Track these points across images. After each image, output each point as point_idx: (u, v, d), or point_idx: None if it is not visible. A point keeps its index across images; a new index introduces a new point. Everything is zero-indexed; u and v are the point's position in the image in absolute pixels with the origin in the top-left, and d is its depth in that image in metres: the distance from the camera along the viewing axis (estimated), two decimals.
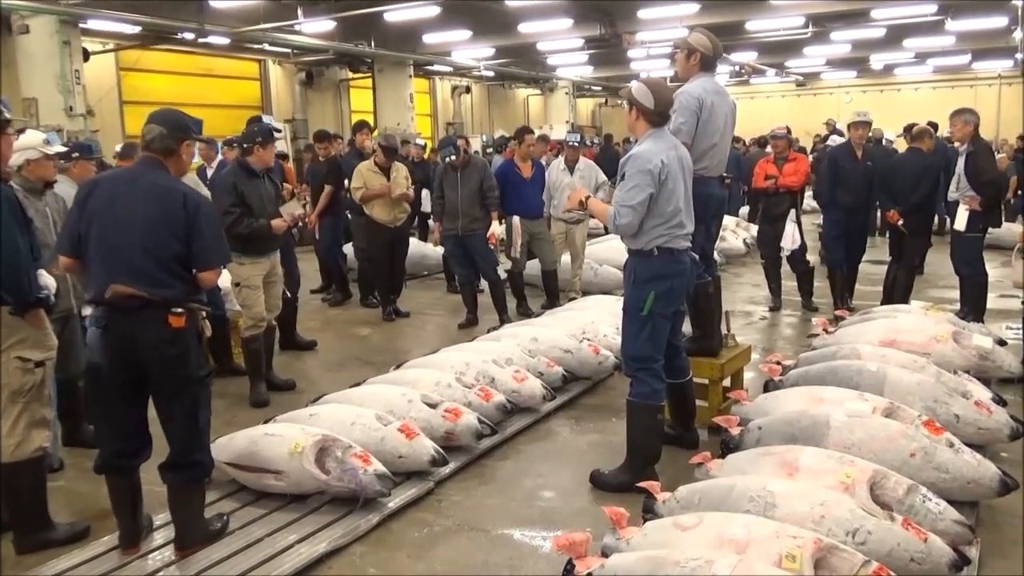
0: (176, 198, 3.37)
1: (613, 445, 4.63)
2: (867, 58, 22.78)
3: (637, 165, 3.93)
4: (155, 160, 3.47)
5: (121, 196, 3.37)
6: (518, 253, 8.13)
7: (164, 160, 3.47)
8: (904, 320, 5.51)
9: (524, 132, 8.50)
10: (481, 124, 25.37)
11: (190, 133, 3.56)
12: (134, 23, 13.24)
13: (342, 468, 3.91)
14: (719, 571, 2.66)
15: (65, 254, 3.47)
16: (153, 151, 3.46)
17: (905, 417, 3.86)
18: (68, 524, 3.86)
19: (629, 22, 16.35)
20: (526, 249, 8.22)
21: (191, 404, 3.44)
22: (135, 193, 3.36)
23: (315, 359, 7.06)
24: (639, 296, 4.05)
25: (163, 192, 3.38)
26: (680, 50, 4.70)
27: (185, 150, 3.55)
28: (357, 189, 7.87)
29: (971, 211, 6.77)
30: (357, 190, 7.87)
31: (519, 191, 8.07)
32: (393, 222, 8.02)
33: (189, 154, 3.59)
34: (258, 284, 5.81)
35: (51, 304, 3.77)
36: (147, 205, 3.33)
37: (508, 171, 8.24)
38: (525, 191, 8.12)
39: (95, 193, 3.41)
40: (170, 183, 3.44)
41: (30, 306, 3.59)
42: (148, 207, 3.33)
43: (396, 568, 3.56)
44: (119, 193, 3.38)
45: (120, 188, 3.41)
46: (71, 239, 3.42)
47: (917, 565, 2.96)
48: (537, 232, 8.21)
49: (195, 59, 17.21)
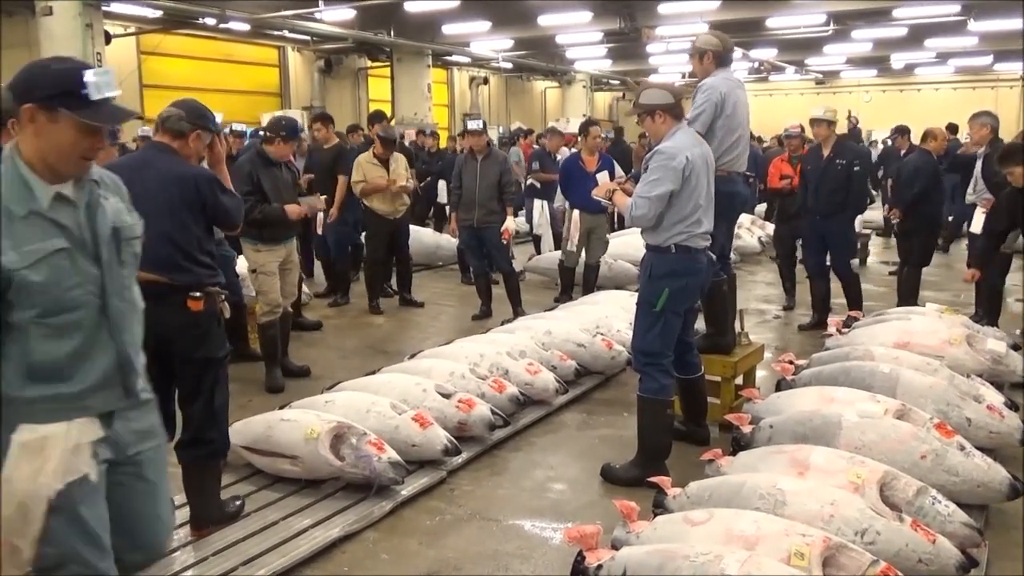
0: (188, 182, 3.45)
1: (624, 440, 4.66)
2: (888, 57, 22.65)
3: (661, 160, 3.95)
4: (162, 145, 3.54)
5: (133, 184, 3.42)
6: (574, 247, 8.07)
7: (172, 142, 3.53)
8: (918, 322, 5.51)
9: (589, 125, 8.27)
10: (498, 116, 25.36)
11: (207, 124, 3.61)
12: (156, 7, 13.33)
13: (356, 455, 3.96)
14: (728, 566, 2.69)
15: None
16: (165, 130, 3.53)
17: (917, 419, 3.87)
18: None
19: (649, 16, 16.30)
20: (583, 244, 8.11)
21: (209, 384, 3.51)
22: (147, 181, 3.39)
23: (329, 347, 7.11)
24: (653, 291, 4.08)
25: (175, 178, 3.44)
26: (693, 56, 4.82)
27: (195, 138, 3.59)
28: (357, 183, 7.83)
29: (988, 213, 6.74)
30: (357, 183, 7.83)
31: (583, 184, 7.54)
32: (393, 213, 7.97)
33: (200, 144, 3.63)
34: (274, 271, 5.87)
35: None
36: (160, 192, 3.38)
37: (573, 164, 8.10)
38: (589, 185, 7.91)
39: None
40: (179, 168, 3.50)
41: None
42: (161, 194, 3.38)
43: (408, 554, 3.61)
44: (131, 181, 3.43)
45: (131, 176, 3.45)
46: None
47: (925, 566, 2.98)
48: (595, 227, 8.10)
49: (215, 44, 17.31)
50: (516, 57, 21.72)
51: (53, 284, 2.06)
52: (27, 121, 2.07)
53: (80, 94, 2.07)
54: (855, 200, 7.12)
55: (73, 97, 2.06)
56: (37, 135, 2.07)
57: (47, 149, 2.08)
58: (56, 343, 2.09)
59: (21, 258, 2.01)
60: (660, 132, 4.09)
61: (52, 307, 2.07)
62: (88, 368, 2.14)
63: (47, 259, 2.05)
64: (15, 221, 2.03)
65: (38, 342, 2.07)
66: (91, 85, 2.07)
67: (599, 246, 8.22)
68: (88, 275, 2.14)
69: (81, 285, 2.12)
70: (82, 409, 2.15)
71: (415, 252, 8.98)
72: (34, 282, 2.03)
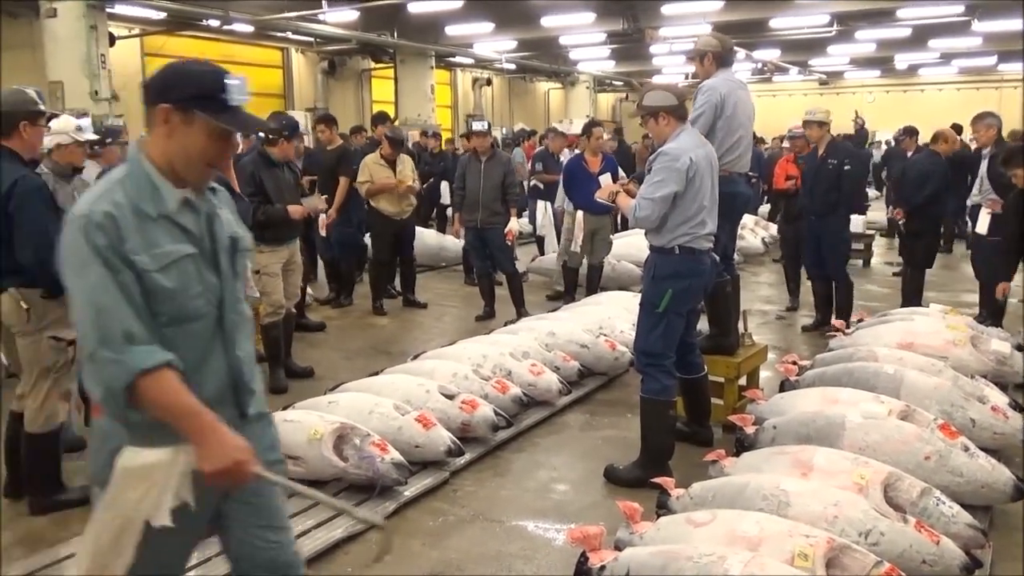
0: None
1: (627, 440, 4.66)
2: (891, 58, 22.61)
3: (665, 162, 3.95)
4: None
5: None
6: (578, 248, 8.05)
7: None
8: (922, 323, 5.50)
9: (592, 126, 8.24)
10: (501, 117, 25.37)
11: None
12: (159, 9, 13.34)
13: (360, 456, 3.97)
14: (731, 567, 2.69)
15: None
16: None
17: (921, 420, 3.87)
18: (80, 488, 4.02)
19: (652, 17, 16.29)
20: (588, 245, 8.10)
21: None
22: None
23: (333, 348, 7.12)
24: (656, 292, 4.08)
25: None
26: (694, 59, 4.85)
27: None
28: (363, 183, 7.83)
29: (993, 214, 6.73)
30: (363, 184, 7.83)
31: (587, 186, 7.46)
32: (400, 214, 7.97)
33: None
34: (277, 272, 5.87)
35: None
36: None
37: (576, 166, 8.09)
38: (593, 186, 7.86)
39: None
40: None
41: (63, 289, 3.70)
42: None
43: (411, 555, 3.61)
44: None
45: None
46: None
47: (929, 567, 2.97)
48: (598, 228, 8.10)
49: (219, 46, 17.31)
50: (519, 58, 21.72)
51: (180, 291, 1.97)
52: (160, 122, 1.99)
53: (219, 98, 2.00)
54: (846, 200, 7.07)
55: (211, 101, 1.99)
56: (168, 137, 1.99)
57: (175, 152, 1.99)
58: (174, 355, 1.94)
59: (152, 260, 1.92)
60: (664, 133, 4.09)
61: (177, 315, 1.97)
62: (202, 384, 2.01)
63: (177, 263, 1.97)
64: (147, 222, 1.94)
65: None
66: (232, 89, 2.02)
67: (603, 247, 8.22)
68: (208, 284, 2.04)
69: (202, 294, 2.02)
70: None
71: (418, 253, 8.99)
72: (164, 287, 1.94)
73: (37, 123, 3.83)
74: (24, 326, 3.74)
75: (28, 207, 3.63)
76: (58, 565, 3.42)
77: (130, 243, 1.90)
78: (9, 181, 3.62)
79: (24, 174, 3.71)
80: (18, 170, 3.70)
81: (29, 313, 3.71)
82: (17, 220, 3.62)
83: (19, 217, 3.62)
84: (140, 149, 2.03)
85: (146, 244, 1.92)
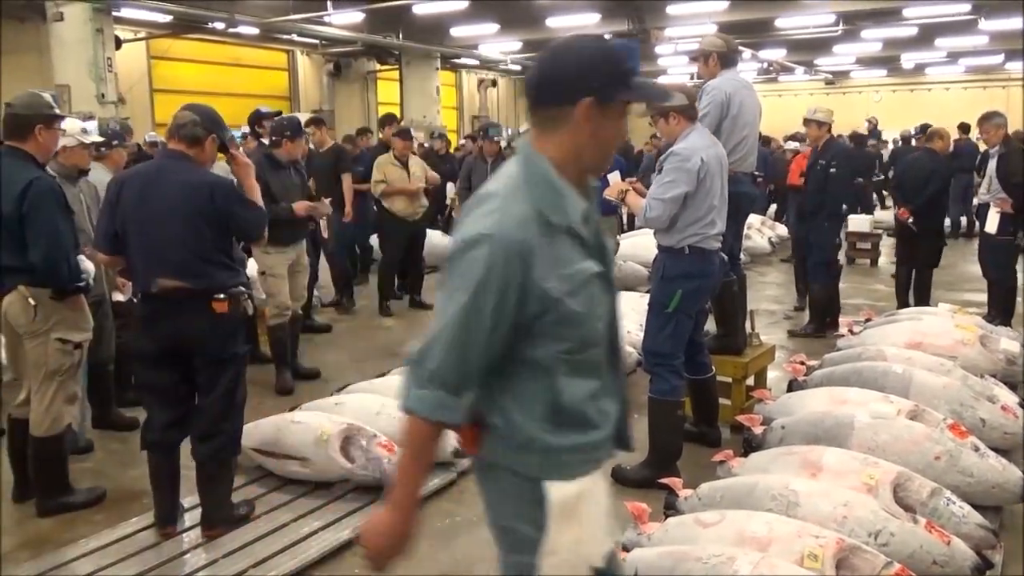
0: (203, 192, 3.45)
1: (635, 441, 4.63)
2: (898, 57, 22.54)
3: (676, 162, 3.94)
4: (178, 153, 3.53)
5: (150, 194, 3.45)
6: None
7: (188, 149, 3.52)
8: (930, 323, 5.47)
9: None
10: (507, 118, 25.37)
11: (219, 130, 3.61)
12: (165, 12, 13.37)
13: (367, 457, 3.97)
14: (741, 568, 2.67)
15: (104, 252, 3.64)
16: (180, 137, 3.52)
17: (930, 420, 3.85)
18: (86, 489, 4.05)
19: (657, 18, 16.28)
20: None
21: (230, 378, 3.56)
22: (163, 190, 3.43)
23: (340, 349, 7.11)
24: (666, 292, 4.07)
25: (191, 188, 3.45)
26: (698, 59, 4.86)
27: (211, 144, 3.59)
28: (378, 183, 7.85)
29: (1002, 214, 6.70)
30: (378, 184, 7.85)
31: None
32: (413, 215, 7.98)
33: (213, 149, 3.63)
34: (283, 273, 5.88)
35: (89, 288, 3.94)
36: (177, 202, 3.41)
37: None
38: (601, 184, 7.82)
39: (124, 193, 3.50)
40: (195, 176, 3.49)
41: (71, 291, 3.74)
42: (178, 204, 3.41)
43: (419, 557, 3.59)
44: (148, 191, 3.46)
45: (148, 186, 3.47)
46: (107, 237, 3.56)
47: (939, 568, 2.96)
48: (604, 228, 8.05)
49: (225, 49, 17.36)
50: (525, 59, 21.72)
51: (587, 314, 1.71)
52: (583, 120, 1.68)
53: (632, 72, 1.72)
54: (832, 201, 6.98)
55: (628, 77, 1.71)
56: (582, 131, 1.70)
57: (586, 145, 1.71)
58: (580, 383, 1.74)
59: (561, 283, 1.66)
60: (674, 133, 4.08)
61: (585, 340, 1.73)
62: (605, 412, 1.81)
63: (585, 285, 1.71)
64: (554, 236, 1.67)
65: (565, 381, 1.72)
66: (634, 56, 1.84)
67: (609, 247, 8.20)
68: (606, 304, 1.82)
69: (602, 317, 1.79)
70: (595, 462, 1.81)
71: (425, 253, 8.97)
72: (575, 312, 1.68)
73: (52, 127, 3.86)
74: (30, 325, 3.74)
75: (42, 208, 3.66)
76: (65, 567, 3.43)
77: (538, 270, 1.64)
78: (24, 182, 3.64)
79: (39, 175, 3.73)
80: (33, 172, 3.72)
81: (36, 311, 3.71)
82: (30, 220, 3.65)
83: (33, 217, 3.65)
84: (533, 150, 1.75)
85: (555, 264, 1.66)
